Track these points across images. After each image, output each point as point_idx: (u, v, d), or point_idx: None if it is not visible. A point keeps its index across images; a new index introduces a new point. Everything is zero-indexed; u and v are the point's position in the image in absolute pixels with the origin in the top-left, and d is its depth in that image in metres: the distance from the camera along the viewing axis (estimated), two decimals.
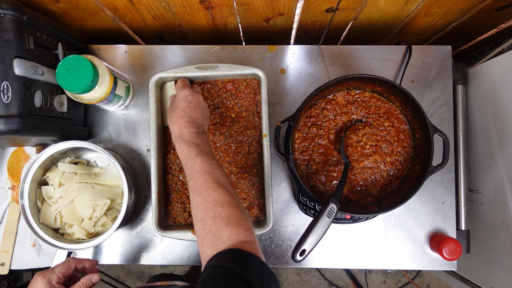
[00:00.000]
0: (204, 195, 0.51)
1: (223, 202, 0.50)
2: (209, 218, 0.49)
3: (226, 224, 0.47)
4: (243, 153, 0.77)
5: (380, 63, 0.84)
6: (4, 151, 0.83)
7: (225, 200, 0.50)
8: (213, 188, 0.52)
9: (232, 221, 0.48)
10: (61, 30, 0.73)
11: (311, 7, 0.78)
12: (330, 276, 1.72)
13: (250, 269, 0.42)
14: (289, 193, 0.82)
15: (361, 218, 0.76)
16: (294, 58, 0.85)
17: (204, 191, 0.52)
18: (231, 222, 0.47)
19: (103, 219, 0.76)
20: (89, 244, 0.70)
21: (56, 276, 0.58)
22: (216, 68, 0.74)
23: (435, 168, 0.67)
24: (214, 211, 0.49)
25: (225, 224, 0.47)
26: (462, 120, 0.85)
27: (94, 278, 0.60)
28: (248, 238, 0.47)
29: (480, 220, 0.87)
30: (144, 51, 0.85)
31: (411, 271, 1.67)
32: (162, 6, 0.77)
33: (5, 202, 0.82)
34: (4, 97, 0.60)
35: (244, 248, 0.45)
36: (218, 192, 0.51)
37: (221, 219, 0.48)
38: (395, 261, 0.81)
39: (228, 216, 0.48)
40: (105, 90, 0.70)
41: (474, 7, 0.78)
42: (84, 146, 0.73)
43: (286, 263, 0.81)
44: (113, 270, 1.72)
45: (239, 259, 0.43)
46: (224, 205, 0.49)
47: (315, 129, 0.76)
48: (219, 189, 0.51)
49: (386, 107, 0.76)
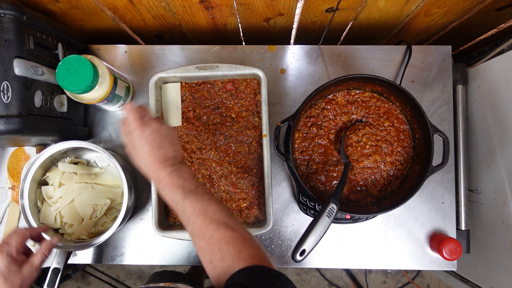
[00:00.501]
0: (206, 238, 0.49)
1: (228, 239, 0.47)
2: (217, 259, 0.46)
3: (238, 260, 0.45)
4: (243, 153, 0.77)
5: (380, 63, 0.84)
6: (4, 151, 0.83)
7: (230, 237, 0.48)
8: (213, 229, 0.49)
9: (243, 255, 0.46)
10: (61, 30, 0.73)
11: (311, 7, 0.78)
12: (330, 276, 1.72)
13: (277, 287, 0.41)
14: (289, 193, 0.82)
15: (361, 218, 0.76)
16: (294, 58, 0.85)
17: (205, 234, 0.49)
18: (242, 257, 0.45)
19: (103, 219, 0.76)
20: (89, 244, 0.70)
21: (14, 248, 0.55)
22: (216, 68, 0.74)
23: (435, 168, 0.67)
24: (220, 251, 0.46)
25: (236, 260, 0.45)
26: (462, 120, 0.85)
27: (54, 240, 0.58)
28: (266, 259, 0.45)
29: (480, 220, 0.87)
30: (144, 51, 0.85)
31: (411, 271, 1.67)
32: (162, 6, 0.77)
33: (5, 202, 0.82)
34: (4, 97, 0.60)
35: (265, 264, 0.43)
36: (219, 231, 0.48)
37: (231, 257, 0.46)
38: (395, 261, 0.81)
39: (237, 252, 0.46)
40: (105, 90, 0.70)
41: (474, 7, 0.78)
42: (84, 146, 0.73)
43: (286, 263, 0.81)
44: (113, 270, 1.72)
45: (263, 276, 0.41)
46: (229, 242, 0.47)
47: (315, 129, 0.76)
48: (220, 228, 0.49)
49: (386, 107, 0.76)
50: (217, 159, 0.77)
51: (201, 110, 0.78)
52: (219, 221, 0.50)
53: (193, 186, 0.54)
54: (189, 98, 0.79)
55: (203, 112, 0.78)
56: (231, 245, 0.47)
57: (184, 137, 0.78)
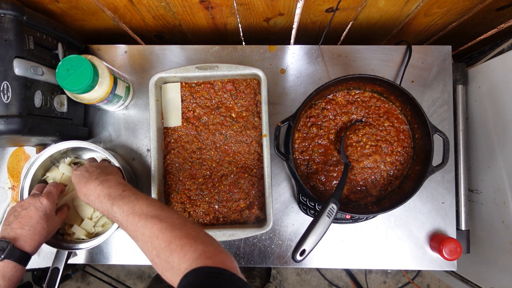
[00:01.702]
0: (139, 237, 0.48)
1: (157, 232, 0.46)
2: (155, 257, 0.46)
3: (171, 253, 0.44)
4: (243, 153, 0.77)
5: (380, 63, 0.84)
6: (4, 151, 0.83)
7: (158, 230, 0.47)
8: (142, 226, 0.48)
9: (174, 246, 0.44)
10: (61, 30, 0.73)
11: (311, 7, 0.78)
12: (330, 276, 1.72)
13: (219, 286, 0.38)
14: (289, 193, 0.82)
15: (361, 218, 0.76)
16: (294, 58, 0.85)
17: (137, 234, 0.49)
18: (173, 248, 0.44)
19: (103, 219, 0.76)
20: (89, 244, 0.70)
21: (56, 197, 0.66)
22: (216, 68, 0.74)
23: (435, 168, 0.67)
24: (154, 247, 0.46)
25: (169, 253, 0.44)
26: (462, 120, 0.85)
27: None
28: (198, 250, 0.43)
29: (480, 220, 0.87)
30: (144, 51, 0.85)
31: (411, 271, 1.67)
32: (162, 6, 0.77)
33: (5, 202, 0.82)
34: (4, 97, 0.60)
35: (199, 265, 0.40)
36: (147, 226, 0.48)
37: (163, 251, 0.45)
38: (395, 261, 0.81)
39: (168, 243, 0.45)
40: (105, 90, 0.70)
41: (474, 7, 0.78)
42: (84, 146, 0.73)
43: (286, 263, 0.81)
44: (113, 270, 1.72)
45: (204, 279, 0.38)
46: (159, 236, 0.46)
47: (315, 129, 0.76)
48: (148, 223, 0.48)
49: (386, 107, 0.76)
50: (217, 159, 0.77)
51: (201, 110, 0.78)
52: (147, 216, 0.49)
53: (119, 191, 0.55)
54: (189, 98, 0.79)
55: (203, 112, 0.78)
56: (160, 238, 0.46)
57: (184, 137, 0.78)
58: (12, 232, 0.58)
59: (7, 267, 0.55)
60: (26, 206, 0.61)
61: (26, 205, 0.61)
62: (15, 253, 0.56)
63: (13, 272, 0.56)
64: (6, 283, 0.55)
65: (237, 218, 0.76)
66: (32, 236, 0.59)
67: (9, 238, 0.57)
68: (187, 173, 0.77)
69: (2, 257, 0.55)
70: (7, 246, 0.56)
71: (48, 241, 0.69)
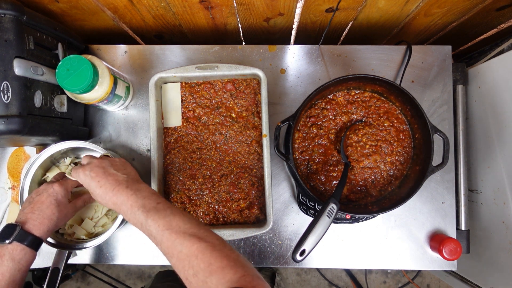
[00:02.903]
0: (175, 255, 0.47)
1: (197, 252, 0.46)
2: (190, 276, 0.45)
3: (210, 274, 0.43)
4: (243, 153, 0.77)
5: (380, 63, 0.84)
6: (4, 151, 0.83)
7: (198, 250, 0.46)
8: (180, 243, 0.47)
9: (213, 267, 0.44)
10: (61, 30, 0.73)
11: (311, 7, 0.78)
12: (330, 276, 1.72)
13: None
14: (289, 193, 0.82)
15: (361, 218, 0.76)
16: (294, 58, 0.85)
17: (173, 252, 0.48)
18: (213, 270, 0.44)
19: (103, 219, 0.76)
20: (89, 244, 0.70)
21: (69, 185, 0.66)
22: (216, 68, 0.74)
23: (435, 168, 0.67)
24: (192, 266, 0.45)
25: (208, 274, 0.43)
26: (462, 120, 0.85)
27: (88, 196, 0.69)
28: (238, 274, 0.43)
29: (480, 220, 0.87)
30: (144, 51, 0.85)
31: (411, 271, 1.67)
32: (162, 6, 0.77)
33: (5, 202, 0.82)
34: (4, 97, 0.60)
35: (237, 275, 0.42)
36: (186, 245, 0.47)
37: (202, 272, 0.44)
38: (395, 261, 0.81)
39: (208, 265, 0.44)
40: (105, 90, 0.70)
41: (474, 7, 0.78)
42: (84, 146, 0.73)
43: (286, 263, 0.81)
44: (113, 270, 1.72)
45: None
46: (198, 255, 0.45)
47: (315, 129, 0.76)
48: (186, 241, 0.47)
49: (386, 107, 0.76)
50: (217, 159, 0.77)
51: (201, 110, 0.78)
52: (185, 234, 0.48)
53: (154, 203, 0.53)
54: (189, 98, 0.79)
55: (203, 112, 0.78)
56: (199, 258, 0.45)
57: (184, 137, 0.78)
58: (23, 216, 0.60)
59: (15, 250, 0.56)
60: (40, 192, 0.63)
61: (40, 191, 0.63)
62: (23, 236, 0.57)
63: (22, 255, 0.56)
64: (16, 265, 0.56)
65: (237, 218, 0.76)
66: (41, 220, 0.60)
67: (20, 222, 0.59)
68: (187, 173, 0.77)
69: (11, 239, 0.56)
70: (16, 229, 0.57)
71: (48, 241, 0.69)
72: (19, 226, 0.58)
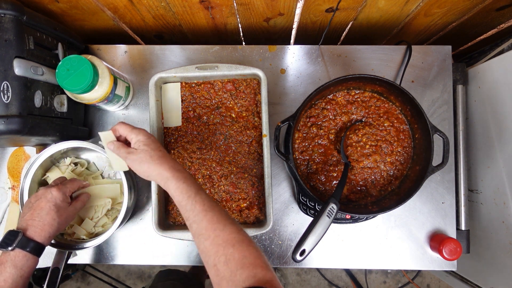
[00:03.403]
0: (212, 238, 0.47)
1: (234, 241, 0.46)
2: (221, 263, 0.45)
3: (242, 267, 0.43)
4: (243, 153, 0.77)
5: (380, 63, 0.84)
6: (4, 151, 0.83)
7: (235, 239, 0.46)
8: (220, 228, 0.47)
9: (247, 261, 0.44)
10: (61, 30, 0.73)
11: (311, 7, 0.78)
12: (330, 276, 1.72)
13: None
14: (289, 193, 0.82)
15: (361, 218, 0.76)
16: (294, 58, 0.85)
17: (210, 234, 0.47)
18: (246, 264, 0.44)
19: (103, 219, 0.76)
20: (89, 244, 0.70)
21: (68, 190, 0.66)
22: (216, 68, 0.74)
23: (435, 168, 0.67)
24: (225, 254, 0.45)
25: (240, 266, 0.43)
26: (462, 120, 0.85)
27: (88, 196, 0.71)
28: (267, 277, 0.43)
29: (480, 220, 0.87)
30: (144, 51, 0.85)
31: (411, 271, 1.67)
32: (162, 6, 0.77)
33: (5, 202, 0.82)
34: (4, 97, 0.60)
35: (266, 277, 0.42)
36: (226, 231, 0.47)
37: (235, 262, 0.44)
38: (395, 261, 0.81)
39: (242, 257, 0.44)
40: (105, 90, 0.70)
41: (474, 7, 0.78)
42: (84, 146, 0.73)
43: (286, 263, 0.81)
44: (113, 270, 1.72)
45: None
46: (235, 245, 0.45)
47: (315, 129, 0.76)
48: (226, 228, 0.47)
49: (386, 107, 0.76)
50: (217, 159, 0.77)
51: (201, 110, 0.78)
52: (226, 221, 0.49)
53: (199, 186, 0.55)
54: (189, 98, 0.79)
55: (203, 112, 0.78)
56: (236, 248, 0.45)
57: (184, 137, 0.78)
58: (24, 223, 0.60)
59: (18, 256, 0.56)
60: (39, 197, 0.63)
61: (39, 196, 0.63)
62: (25, 243, 0.57)
63: (24, 262, 0.57)
64: (18, 272, 0.56)
65: (237, 218, 0.76)
66: (42, 226, 0.60)
67: (21, 229, 0.59)
68: None
69: (13, 246, 0.56)
70: (18, 236, 0.57)
71: None
72: (21, 233, 0.58)
